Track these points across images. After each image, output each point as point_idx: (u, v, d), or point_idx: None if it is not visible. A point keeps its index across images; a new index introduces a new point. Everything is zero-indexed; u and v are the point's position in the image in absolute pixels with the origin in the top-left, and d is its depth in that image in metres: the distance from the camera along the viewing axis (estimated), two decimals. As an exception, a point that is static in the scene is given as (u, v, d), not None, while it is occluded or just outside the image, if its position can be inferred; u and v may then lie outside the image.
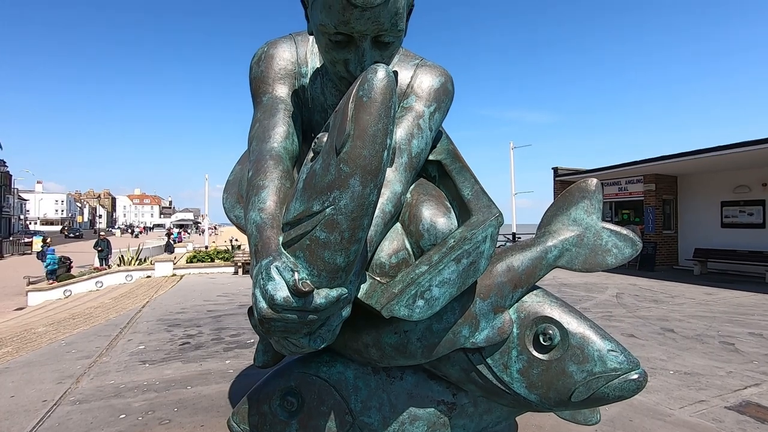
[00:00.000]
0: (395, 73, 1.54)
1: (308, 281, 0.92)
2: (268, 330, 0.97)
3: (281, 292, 0.91)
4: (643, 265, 13.51)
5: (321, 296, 0.96)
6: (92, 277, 12.78)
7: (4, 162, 47.51)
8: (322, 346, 1.05)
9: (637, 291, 9.20)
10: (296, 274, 0.92)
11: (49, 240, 17.94)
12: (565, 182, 16.77)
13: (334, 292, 0.98)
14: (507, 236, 18.57)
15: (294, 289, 0.90)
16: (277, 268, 0.95)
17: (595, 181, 1.54)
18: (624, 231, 1.49)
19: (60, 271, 13.48)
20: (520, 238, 17.94)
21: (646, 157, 13.03)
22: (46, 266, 13.53)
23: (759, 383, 3.80)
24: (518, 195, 19.84)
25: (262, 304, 0.94)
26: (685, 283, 10.58)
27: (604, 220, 1.43)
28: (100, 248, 15.90)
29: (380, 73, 0.90)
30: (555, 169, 17.20)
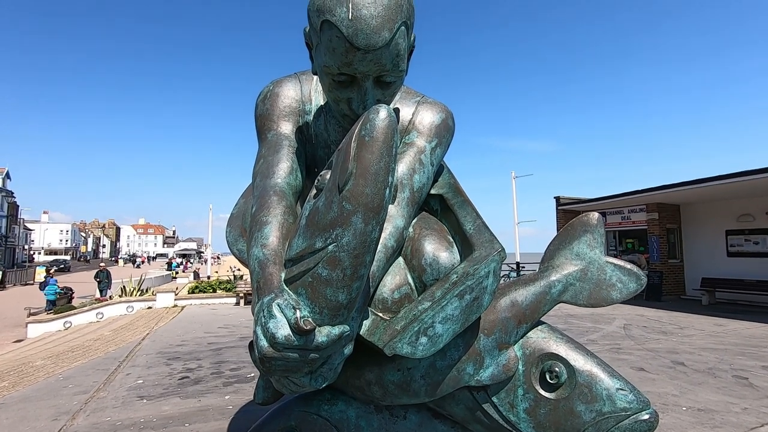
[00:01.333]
0: (397, 110, 1.58)
1: (310, 319, 0.92)
2: (268, 369, 0.96)
3: (283, 330, 0.90)
4: (650, 295, 13.31)
5: (323, 334, 0.95)
6: (93, 308, 12.70)
7: (12, 193, 48.13)
8: (324, 385, 1.04)
9: (645, 322, 9.02)
10: (298, 311, 0.92)
11: (52, 270, 17.93)
12: (568, 211, 16.78)
13: (336, 330, 0.97)
14: (511, 265, 18.41)
15: (295, 327, 0.90)
16: (278, 306, 0.94)
17: (596, 215, 1.54)
18: (628, 265, 1.48)
19: (61, 302, 13.42)
20: (524, 267, 17.78)
21: (648, 186, 13.08)
22: (47, 296, 13.59)
23: (776, 420, 3.66)
24: (521, 224, 19.83)
25: (263, 343, 0.93)
26: (694, 313, 10.37)
27: (608, 249, 1.42)
28: (98, 279, 15.88)
29: (382, 113, 0.92)
30: (557, 199, 17.23)
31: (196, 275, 20.38)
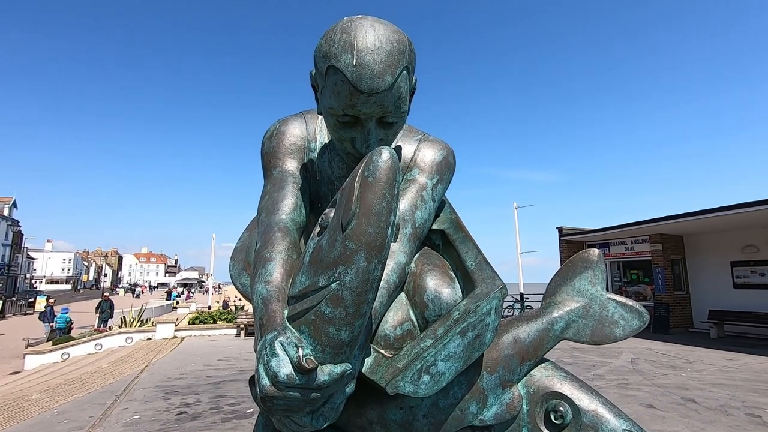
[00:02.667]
0: (399, 147, 1.62)
1: (312, 357, 0.92)
2: (270, 408, 0.95)
3: (285, 369, 0.90)
4: (657, 327, 13.06)
5: (325, 373, 0.95)
6: (92, 339, 12.52)
7: (17, 222, 48.45)
8: (325, 425, 1.02)
9: (653, 356, 8.81)
10: (300, 350, 0.92)
11: (53, 300, 17.83)
12: (571, 242, 16.72)
13: (338, 369, 0.97)
14: (514, 296, 18.19)
15: (298, 366, 0.90)
16: (281, 344, 0.95)
17: (597, 251, 1.55)
18: (630, 302, 1.47)
19: (55, 335, 13.29)
20: (527, 298, 17.55)
21: (651, 217, 13.07)
22: (57, 323, 13.79)
23: (794, 462, 3.52)
24: (524, 254, 19.73)
25: (265, 382, 0.92)
26: (703, 347, 10.14)
27: (612, 281, 1.43)
28: (102, 310, 15.76)
29: (384, 155, 0.96)
30: (560, 229, 17.21)
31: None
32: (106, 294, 17.16)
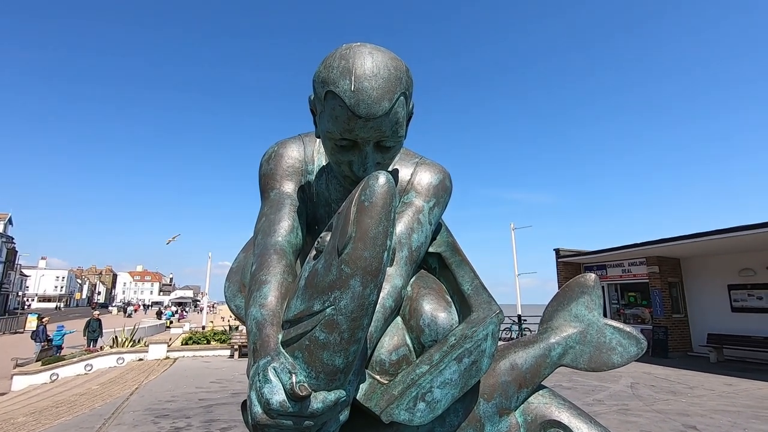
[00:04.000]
0: (396, 171, 1.64)
1: (306, 384, 0.90)
2: None
3: (277, 396, 0.89)
4: (656, 351, 12.93)
5: (318, 400, 0.93)
6: (82, 360, 12.27)
7: (12, 239, 48.11)
8: (318, 455, 1.00)
9: (652, 380, 8.69)
10: (294, 376, 0.91)
11: (47, 319, 17.55)
12: (568, 263, 16.70)
13: (332, 396, 0.95)
14: (512, 318, 18.03)
15: (291, 393, 0.88)
16: (274, 370, 0.93)
17: (593, 276, 1.55)
18: (627, 328, 1.46)
19: (49, 353, 13.03)
20: (525, 320, 17.40)
21: (648, 240, 13.10)
22: (54, 340, 13.83)
23: (798, 493, 3.44)
24: (521, 275, 19.66)
25: (257, 409, 0.91)
26: (703, 371, 10.03)
27: (610, 303, 1.42)
28: (91, 329, 15.52)
29: (381, 179, 0.96)
30: (557, 251, 17.21)
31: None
32: (96, 313, 16.87)
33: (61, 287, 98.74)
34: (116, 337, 14.67)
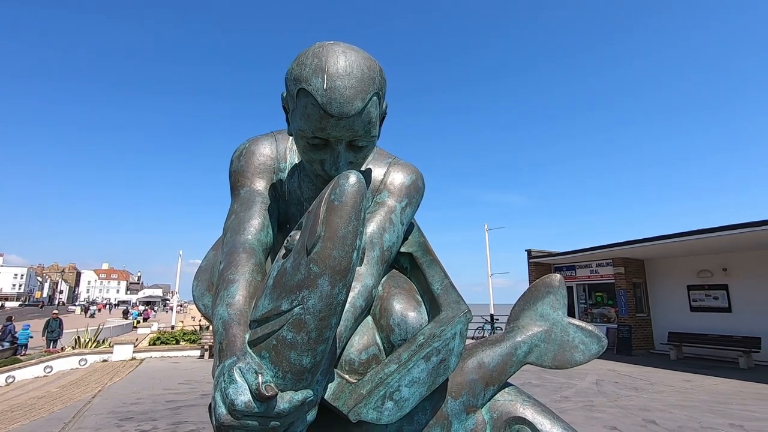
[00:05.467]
0: (369, 170, 1.64)
1: (272, 384, 0.90)
2: None
3: (243, 397, 0.88)
4: (620, 348, 13.43)
5: (285, 400, 0.92)
6: (41, 362, 11.71)
7: (-35, 234, 45.45)
8: (285, 454, 0.99)
9: (617, 377, 9.02)
10: (260, 376, 0.90)
11: (13, 318, 16.71)
12: (539, 264, 17.11)
13: (299, 396, 0.95)
14: (485, 317, 18.34)
15: (256, 393, 0.87)
16: (240, 370, 0.92)
17: (558, 276, 1.60)
18: (589, 327, 1.51)
19: (5, 354, 12.40)
20: (497, 319, 17.72)
21: (614, 242, 13.58)
22: (19, 339, 13.43)
23: (747, 482, 3.64)
24: (494, 275, 20.01)
25: (222, 410, 0.89)
26: (663, 368, 10.48)
27: (578, 303, 1.46)
28: (51, 329, 14.88)
29: (351, 179, 0.96)
30: (529, 252, 17.61)
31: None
32: (55, 312, 16.17)
33: (20, 285, 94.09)
34: (78, 337, 14.08)
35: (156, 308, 79.82)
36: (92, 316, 47.57)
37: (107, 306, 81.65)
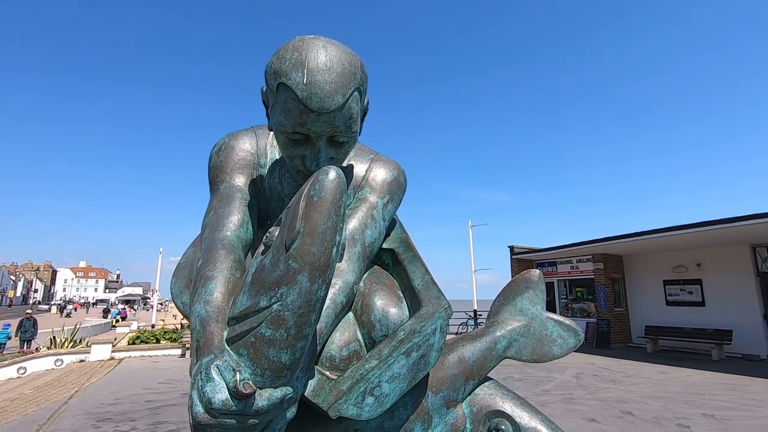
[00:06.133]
0: (351, 166, 1.63)
1: (250, 382, 0.89)
2: None
3: (220, 395, 0.87)
4: (599, 342, 13.75)
5: (263, 398, 0.91)
6: (14, 362, 11.36)
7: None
8: (263, 452, 0.98)
9: (596, 371, 9.23)
10: (238, 374, 0.89)
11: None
12: (522, 260, 17.36)
13: (278, 393, 0.94)
14: (468, 313, 18.54)
15: (234, 391, 0.86)
16: (217, 368, 0.91)
17: (537, 272, 1.62)
18: (567, 321, 1.54)
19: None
20: (481, 315, 17.93)
21: (594, 238, 13.87)
22: None
23: (717, 469, 3.78)
24: (478, 272, 20.23)
25: (199, 409, 0.88)
26: (640, 361, 10.76)
27: (559, 298, 1.48)
28: (24, 329, 14.48)
29: (331, 174, 0.95)
30: (511, 248, 17.84)
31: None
32: (29, 312, 15.72)
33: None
34: (54, 337, 13.70)
35: (136, 307, 78.19)
36: (68, 315, 45.24)
37: (85, 305, 79.44)
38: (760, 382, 7.97)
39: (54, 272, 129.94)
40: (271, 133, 1.68)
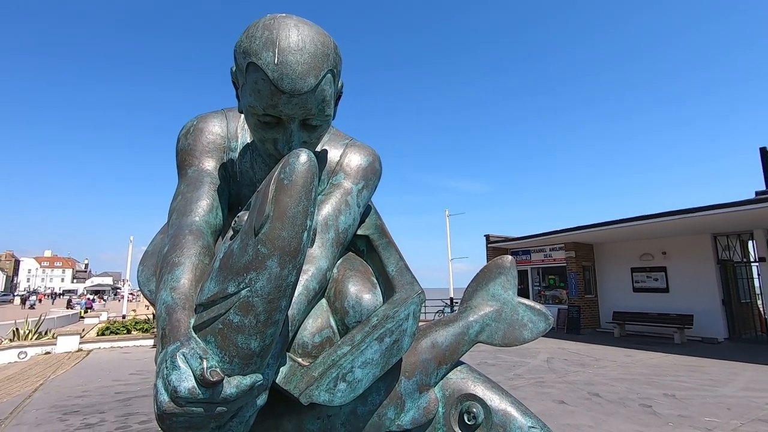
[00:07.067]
0: (325, 151, 1.60)
1: (218, 369, 0.87)
2: (169, 427, 0.88)
3: (186, 383, 0.84)
4: (570, 328, 14.23)
5: (232, 385, 0.90)
6: (-26, 356, 10.89)
7: None
8: (232, 440, 0.97)
9: (566, 355, 9.55)
10: (205, 361, 0.86)
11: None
12: (497, 249, 17.68)
13: (247, 380, 0.92)
14: (445, 300, 18.82)
15: (201, 379, 0.84)
16: (183, 356, 0.88)
17: (510, 258, 1.65)
18: (537, 306, 1.57)
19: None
20: (457, 302, 18.23)
21: (566, 227, 14.25)
22: None
23: (676, 446, 3.99)
24: (454, 260, 20.50)
25: (164, 397, 0.85)
26: (608, 345, 11.20)
27: (533, 285, 1.51)
28: None
29: (302, 157, 0.93)
30: (487, 237, 18.14)
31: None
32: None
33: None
34: (17, 329, 13.17)
35: (106, 297, 75.93)
36: (32, 307, 41.68)
37: (51, 296, 76.39)
38: (718, 363, 8.43)
39: (17, 262, 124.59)
40: (242, 115, 1.63)
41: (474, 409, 1.36)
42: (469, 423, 1.36)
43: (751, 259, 12.82)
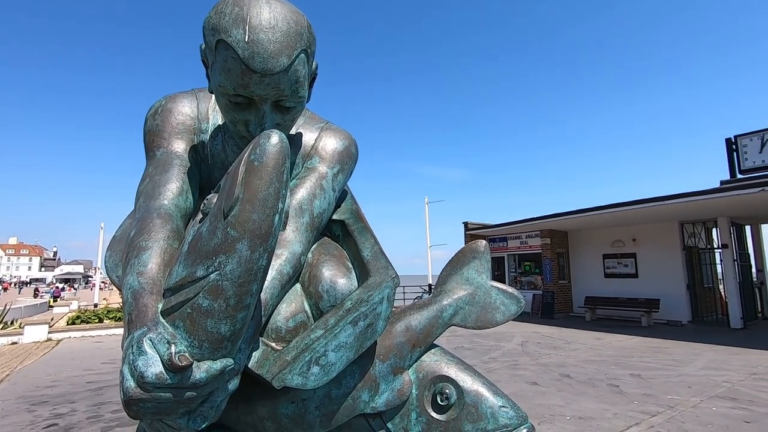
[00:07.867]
0: (300, 134, 1.58)
1: (186, 354, 0.85)
2: (136, 413, 0.86)
3: (153, 368, 0.83)
4: (544, 313, 14.64)
5: (201, 370, 0.88)
6: (-66, 347, 10.43)
7: None
8: (204, 425, 0.96)
9: (539, 339, 9.83)
10: (173, 346, 0.85)
11: None
12: (475, 236, 17.91)
13: (218, 365, 0.91)
14: (423, 287, 19.02)
15: (169, 364, 0.83)
16: (150, 341, 0.86)
17: (484, 242, 1.67)
18: (510, 289, 1.61)
19: None
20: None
21: (542, 215, 14.55)
22: None
23: (639, 422, 4.19)
24: (433, 247, 20.68)
25: (130, 383, 0.84)
26: (579, 329, 11.59)
27: (509, 272, 1.53)
28: None
29: (273, 138, 0.91)
30: (465, 224, 18.35)
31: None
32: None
33: None
34: (-19, 319, 12.68)
35: (77, 286, 73.68)
36: None
37: (17, 285, 73.47)
38: (681, 344, 8.85)
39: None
40: (213, 96, 1.58)
41: (447, 390, 1.39)
42: (441, 404, 1.38)
43: (714, 246, 13.44)
